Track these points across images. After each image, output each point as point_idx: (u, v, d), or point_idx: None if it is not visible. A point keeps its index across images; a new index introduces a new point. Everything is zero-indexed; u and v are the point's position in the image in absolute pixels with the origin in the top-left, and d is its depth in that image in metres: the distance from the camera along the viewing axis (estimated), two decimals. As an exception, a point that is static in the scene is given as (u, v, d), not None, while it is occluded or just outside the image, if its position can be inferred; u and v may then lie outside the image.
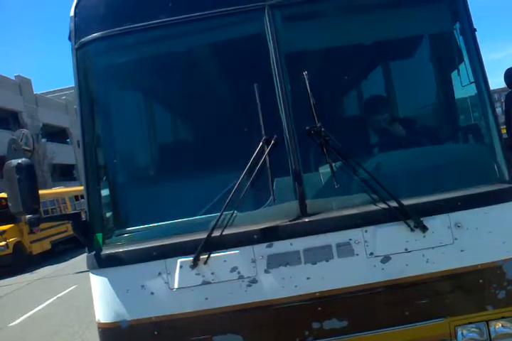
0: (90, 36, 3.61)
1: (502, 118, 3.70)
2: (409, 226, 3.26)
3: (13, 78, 45.74)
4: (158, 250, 3.31)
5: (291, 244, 3.26)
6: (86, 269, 3.55)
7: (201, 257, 3.25)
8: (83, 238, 3.50)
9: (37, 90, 51.76)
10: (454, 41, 3.79)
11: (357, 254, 3.26)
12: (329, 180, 3.37)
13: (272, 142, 3.28)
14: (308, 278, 3.25)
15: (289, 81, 3.43)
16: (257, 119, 3.33)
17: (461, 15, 3.70)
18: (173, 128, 5.21)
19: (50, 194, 25.44)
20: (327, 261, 3.25)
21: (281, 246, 3.26)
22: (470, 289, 3.34)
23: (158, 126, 4.82)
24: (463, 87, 3.83)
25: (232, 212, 3.25)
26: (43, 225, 20.22)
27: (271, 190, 3.24)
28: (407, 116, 4.59)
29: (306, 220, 3.29)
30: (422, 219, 3.25)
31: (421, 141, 4.05)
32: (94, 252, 3.44)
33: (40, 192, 4.19)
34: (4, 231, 20.56)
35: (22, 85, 46.40)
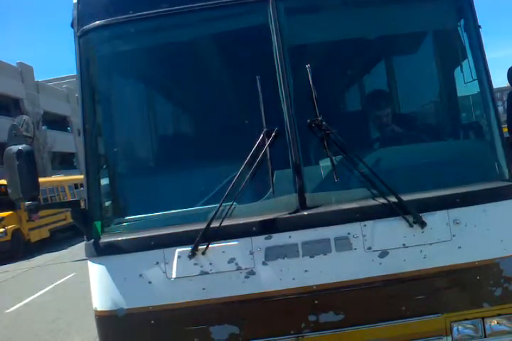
0: (93, 24, 3.58)
1: (504, 117, 3.69)
2: (407, 221, 3.26)
3: (15, 65, 45.61)
4: (156, 239, 3.31)
5: (289, 237, 3.27)
6: (84, 257, 3.56)
7: (199, 247, 3.26)
8: (82, 226, 3.51)
9: (38, 78, 51.72)
10: (457, 38, 3.78)
11: (355, 248, 3.27)
12: (329, 174, 3.37)
13: (273, 134, 3.27)
14: (305, 271, 3.26)
15: (292, 73, 3.42)
16: (259, 111, 3.33)
17: (466, 11, 3.68)
18: (174, 118, 5.21)
19: (50, 182, 25.44)
20: (325, 254, 3.26)
21: (279, 239, 3.27)
22: (467, 286, 3.35)
23: (159, 116, 4.81)
24: (465, 84, 3.82)
25: (231, 203, 3.25)
26: (41, 213, 20.30)
27: (270, 182, 3.24)
28: (408, 112, 4.59)
29: (305, 213, 3.29)
30: (420, 214, 3.25)
31: (422, 137, 4.04)
32: (92, 240, 3.45)
33: (40, 180, 4.19)
34: (3, 218, 20.61)
35: (23, 72, 46.24)
